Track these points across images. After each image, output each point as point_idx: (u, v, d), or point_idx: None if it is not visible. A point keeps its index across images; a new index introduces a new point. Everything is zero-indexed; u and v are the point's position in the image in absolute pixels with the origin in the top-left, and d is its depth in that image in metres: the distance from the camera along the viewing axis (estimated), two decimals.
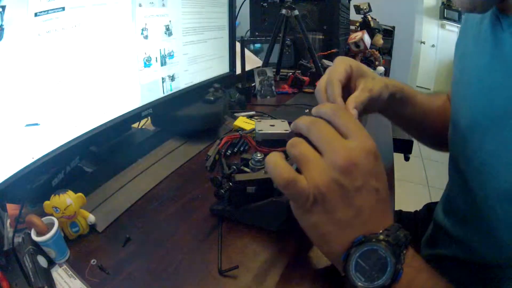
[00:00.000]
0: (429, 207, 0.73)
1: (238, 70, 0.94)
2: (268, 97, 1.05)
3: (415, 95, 0.56)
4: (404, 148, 1.23)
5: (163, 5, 0.62)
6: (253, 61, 1.21)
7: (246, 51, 1.03)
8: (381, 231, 0.31)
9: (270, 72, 1.07)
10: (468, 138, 0.43)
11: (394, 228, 0.31)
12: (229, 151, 0.66)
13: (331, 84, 0.43)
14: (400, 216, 0.77)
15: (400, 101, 0.54)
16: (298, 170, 0.32)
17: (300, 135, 0.34)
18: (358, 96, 0.45)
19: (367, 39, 1.42)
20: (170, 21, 0.64)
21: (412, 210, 0.78)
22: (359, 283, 0.30)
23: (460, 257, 0.47)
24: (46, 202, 0.41)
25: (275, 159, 0.32)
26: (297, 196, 0.31)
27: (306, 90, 1.11)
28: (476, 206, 0.41)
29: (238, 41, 0.93)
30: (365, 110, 0.48)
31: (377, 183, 0.32)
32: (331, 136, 0.32)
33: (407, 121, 0.60)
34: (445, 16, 4.79)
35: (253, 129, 0.61)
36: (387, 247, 0.29)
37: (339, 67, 0.46)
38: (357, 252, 0.30)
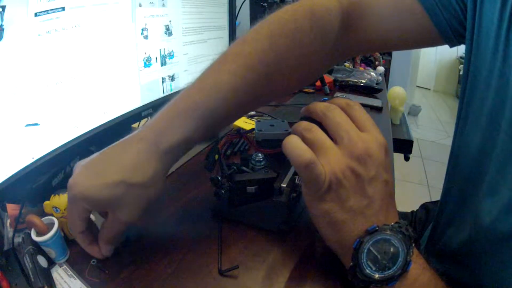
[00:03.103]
0: (426, 207, 0.73)
1: None
2: None
3: None
4: (404, 148, 1.23)
5: (163, 5, 0.62)
6: None
7: None
8: (393, 223, 0.32)
9: None
10: (469, 166, 0.41)
11: (403, 223, 0.32)
12: (229, 151, 0.66)
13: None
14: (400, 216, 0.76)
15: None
16: None
17: (310, 120, 0.35)
18: None
19: None
20: (170, 21, 0.64)
21: (413, 210, 0.78)
22: (370, 272, 0.30)
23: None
24: (46, 202, 0.41)
25: (295, 140, 0.33)
26: (314, 179, 0.31)
27: (306, 90, 1.11)
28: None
29: None
30: None
31: (387, 176, 0.33)
32: (348, 125, 0.33)
33: None
34: None
35: (253, 129, 0.61)
36: (400, 238, 0.30)
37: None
38: (370, 240, 0.30)
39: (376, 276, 0.30)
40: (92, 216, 0.44)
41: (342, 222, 0.32)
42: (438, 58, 4.96)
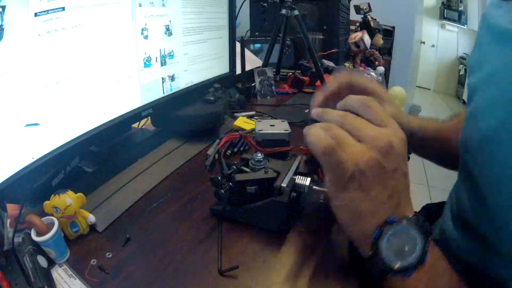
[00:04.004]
0: (429, 208, 0.73)
1: (238, 70, 0.94)
2: (268, 97, 1.05)
3: (436, 131, 0.55)
4: None
5: (163, 5, 0.62)
6: (253, 61, 1.21)
7: (246, 51, 1.03)
8: (411, 215, 0.32)
9: (270, 72, 1.07)
10: (479, 144, 0.39)
11: (420, 216, 0.33)
12: (229, 151, 0.66)
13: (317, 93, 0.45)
14: None
15: (420, 140, 0.54)
16: None
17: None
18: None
19: (367, 39, 1.42)
20: (170, 21, 0.64)
21: (415, 210, 0.78)
22: (389, 261, 0.31)
23: (466, 269, 0.43)
24: (46, 202, 0.41)
25: (316, 129, 0.33)
26: (336, 165, 0.32)
27: (306, 90, 1.11)
28: (488, 217, 0.37)
29: (238, 41, 0.93)
30: None
31: (406, 169, 0.34)
32: (366, 125, 0.34)
33: (427, 155, 0.60)
34: (445, 16, 4.80)
35: (253, 129, 0.61)
36: (418, 229, 0.31)
37: (331, 83, 0.46)
38: (390, 230, 0.31)
39: (395, 265, 0.31)
40: (92, 217, 0.44)
41: (364, 212, 0.33)
42: (438, 58, 4.96)
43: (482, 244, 0.39)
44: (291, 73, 1.16)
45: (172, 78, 0.69)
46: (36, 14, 0.40)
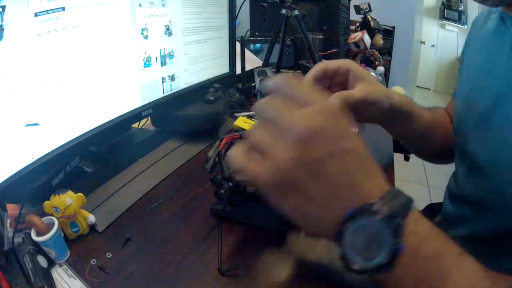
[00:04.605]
0: (431, 208, 0.73)
1: (238, 70, 0.94)
2: None
3: (420, 114, 0.56)
4: (404, 148, 1.22)
5: (163, 5, 0.62)
6: (253, 61, 1.21)
7: (246, 51, 1.03)
8: (374, 200, 0.27)
9: (270, 72, 1.07)
10: (476, 121, 0.46)
11: (389, 195, 0.28)
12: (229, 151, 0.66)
13: (312, 68, 0.46)
14: None
15: (406, 115, 0.53)
16: None
17: None
18: (348, 92, 0.45)
19: (367, 39, 1.42)
20: (170, 21, 0.64)
21: None
22: (357, 262, 0.27)
23: (471, 236, 0.48)
24: (46, 202, 0.41)
25: (233, 151, 0.31)
26: (255, 181, 0.29)
27: None
28: (487, 185, 0.44)
29: (238, 41, 0.93)
30: (362, 118, 0.48)
31: (350, 143, 0.28)
32: (280, 110, 0.28)
33: (408, 136, 0.59)
34: (445, 16, 4.79)
35: None
36: (381, 220, 0.26)
37: (331, 61, 0.48)
38: (349, 228, 0.27)
39: (365, 266, 0.27)
40: (92, 217, 0.44)
41: (313, 214, 0.29)
42: (438, 58, 4.96)
43: (480, 209, 0.46)
44: (291, 73, 1.16)
45: (172, 78, 0.69)
46: (36, 14, 0.40)
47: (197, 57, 0.75)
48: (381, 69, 1.44)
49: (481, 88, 0.47)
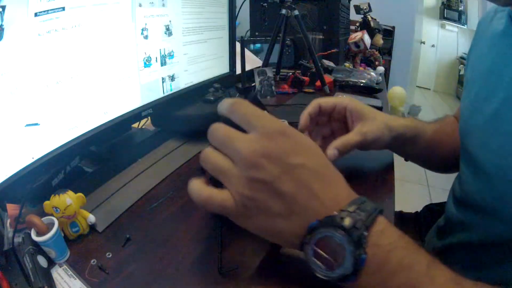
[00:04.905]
0: (430, 208, 0.73)
1: (238, 70, 0.94)
2: (268, 97, 1.05)
3: (424, 131, 0.56)
4: None
5: (163, 5, 0.62)
6: (253, 61, 1.21)
7: (246, 51, 1.03)
8: (335, 212, 0.28)
9: (270, 72, 1.07)
10: (483, 125, 0.45)
11: (353, 206, 0.28)
12: None
13: (308, 105, 0.50)
14: (401, 217, 0.77)
15: (410, 140, 0.54)
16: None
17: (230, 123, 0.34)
18: (346, 139, 0.48)
19: (367, 39, 1.42)
20: (170, 21, 0.64)
21: (412, 210, 0.78)
22: (320, 273, 0.28)
23: (473, 242, 0.48)
24: (46, 202, 0.41)
25: (192, 183, 0.32)
26: (222, 209, 0.31)
27: (306, 90, 1.11)
28: (492, 190, 0.43)
29: (238, 41, 0.93)
30: (365, 148, 0.51)
31: (301, 159, 0.29)
32: (229, 137, 0.31)
33: (415, 155, 0.61)
34: (445, 16, 4.80)
35: None
36: (343, 231, 0.27)
37: (329, 98, 0.51)
38: (312, 240, 0.28)
39: (327, 276, 0.28)
40: (92, 217, 0.44)
41: (278, 229, 0.30)
42: (438, 58, 4.96)
43: (484, 215, 0.45)
44: (291, 73, 1.16)
45: (172, 78, 0.69)
46: (36, 14, 0.40)
47: (197, 57, 0.75)
48: (381, 69, 1.44)
49: (488, 91, 0.46)
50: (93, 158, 0.61)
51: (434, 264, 0.28)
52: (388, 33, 2.90)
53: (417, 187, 2.41)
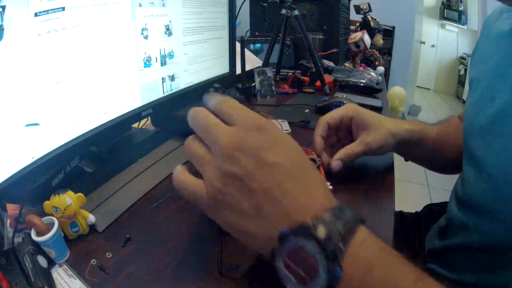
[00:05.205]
0: (430, 208, 0.73)
1: (238, 70, 0.94)
2: (268, 97, 1.05)
3: (428, 134, 0.57)
4: None
5: (163, 5, 0.62)
6: (253, 61, 1.21)
7: (246, 51, 1.03)
8: (309, 219, 0.25)
9: (270, 72, 1.07)
10: (487, 126, 0.45)
11: (329, 214, 0.25)
12: None
13: (317, 125, 0.52)
14: (401, 217, 0.77)
15: (414, 144, 0.55)
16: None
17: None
18: (350, 149, 0.50)
19: (367, 39, 1.42)
20: (170, 21, 0.64)
21: (412, 210, 0.78)
22: (290, 284, 0.25)
23: (474, 245, 0.48)
24: (46, 202, 0.41)
25: (176, 167, 0.34)
26: (192, 196, 0.31)
27: (306, 90, 1.11)
28: (495, 192, 0.43)
29: (238, 41, 0.93)
30: (370, 155, 0.52)
31: (276, 157, 0.27)
32: (210, 124, 0.30)
33: (419, 158, 0.62)
34: (445, 16, 4.80)
35: None
36: (316, 243, 0.23)
37: (335, 113, 0.53)
38: (282, 250, 0.25)
39: None
40: (92, 217, 0.44)
41: (246, 228, 0.28)
42: (438, 58, 4.97)
43: (487, 217, 0.45)
44: (291, 73, 1.16)
45: (172, 78, 0.69)
46: (36, 14, 0.40)
47: (197, 57, 0.75)
48: (381, 69, 1.44)
49: (492, 92, 0.45)
50: (93, 158, 0.61)
51: (422, 281, 0.25)
52: (388, 33, 2.91)
53: (417, 187, 2.41)
